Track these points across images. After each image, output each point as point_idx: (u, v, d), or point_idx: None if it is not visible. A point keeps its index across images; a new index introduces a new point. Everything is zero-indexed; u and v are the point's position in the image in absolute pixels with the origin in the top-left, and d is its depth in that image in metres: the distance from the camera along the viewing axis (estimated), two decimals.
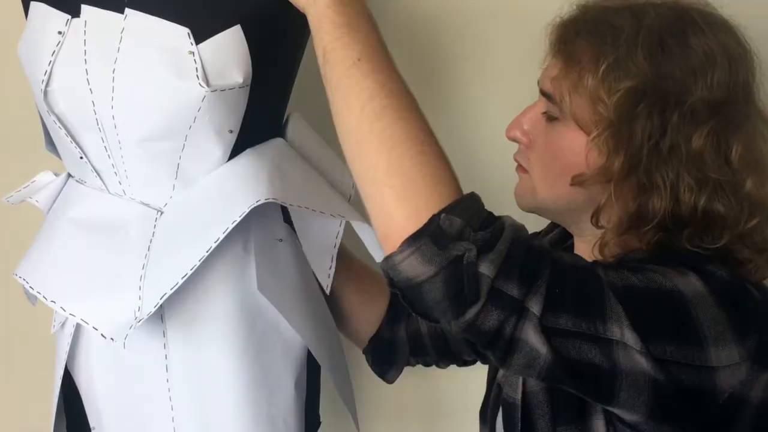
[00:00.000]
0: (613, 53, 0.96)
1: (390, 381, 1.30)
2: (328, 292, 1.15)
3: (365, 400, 1.48)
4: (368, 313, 1.26)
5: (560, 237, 1.18)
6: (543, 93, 1.05)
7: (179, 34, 0.98)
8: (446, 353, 1.27)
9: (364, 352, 1.30)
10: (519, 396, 1.04)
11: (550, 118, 1.03)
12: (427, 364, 1.30)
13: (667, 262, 0.94)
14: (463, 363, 1.29)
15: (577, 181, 1.00)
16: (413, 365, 1.31)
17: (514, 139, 1.09)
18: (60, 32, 1.02)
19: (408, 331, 1.26)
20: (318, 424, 1.25)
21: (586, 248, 1.05)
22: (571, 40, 1.01)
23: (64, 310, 1.04)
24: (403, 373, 1.31)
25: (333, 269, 1.15)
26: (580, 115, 0.99)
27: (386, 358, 1.29)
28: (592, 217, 1.01)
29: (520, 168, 1.09)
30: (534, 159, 1.06)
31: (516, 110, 1.37)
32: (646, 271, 0.92)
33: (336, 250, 1.15)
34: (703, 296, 0.91)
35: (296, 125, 1.16)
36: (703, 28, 0.98)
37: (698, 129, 0.96)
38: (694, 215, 0.97)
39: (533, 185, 1.06)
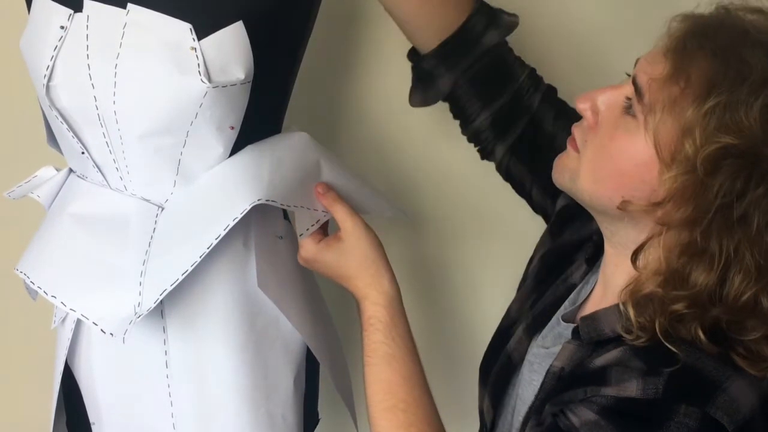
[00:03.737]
0: (728, 92, 0.86)
1: (412, 104, 1.22)
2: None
3: (364, 397, 1.48)
4: (428, 26, 1.15)
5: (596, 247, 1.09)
6: (635, 83, 0.93)
7: (181, 29, 0.98)
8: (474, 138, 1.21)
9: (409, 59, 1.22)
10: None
11: (628, 111, 0.94)
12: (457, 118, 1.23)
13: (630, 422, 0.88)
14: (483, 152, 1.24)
15: (625, 207, 0.93)
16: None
17: (581, 112, 0.99)
18: (62, 27, 1.02)
19: (452, 84, 1.18)
20: (317, 420, 1.26)
21: (615, 255, 1.00)
22: (691, 48, 0.89)
23: (65, 305, 1.04)
24: None
25: None
26: (662, 137, 0.89)
27: (422, 83, 1.20)
28: (632, 256, 0.93)
29: (573, 143, 1.00)
30: (590, 144, 0.97)
31: None
32: None
33: None
34: None
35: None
36: None
37: None
38: (735, 302, 0.89)
39: (578, 169, 0.98)
